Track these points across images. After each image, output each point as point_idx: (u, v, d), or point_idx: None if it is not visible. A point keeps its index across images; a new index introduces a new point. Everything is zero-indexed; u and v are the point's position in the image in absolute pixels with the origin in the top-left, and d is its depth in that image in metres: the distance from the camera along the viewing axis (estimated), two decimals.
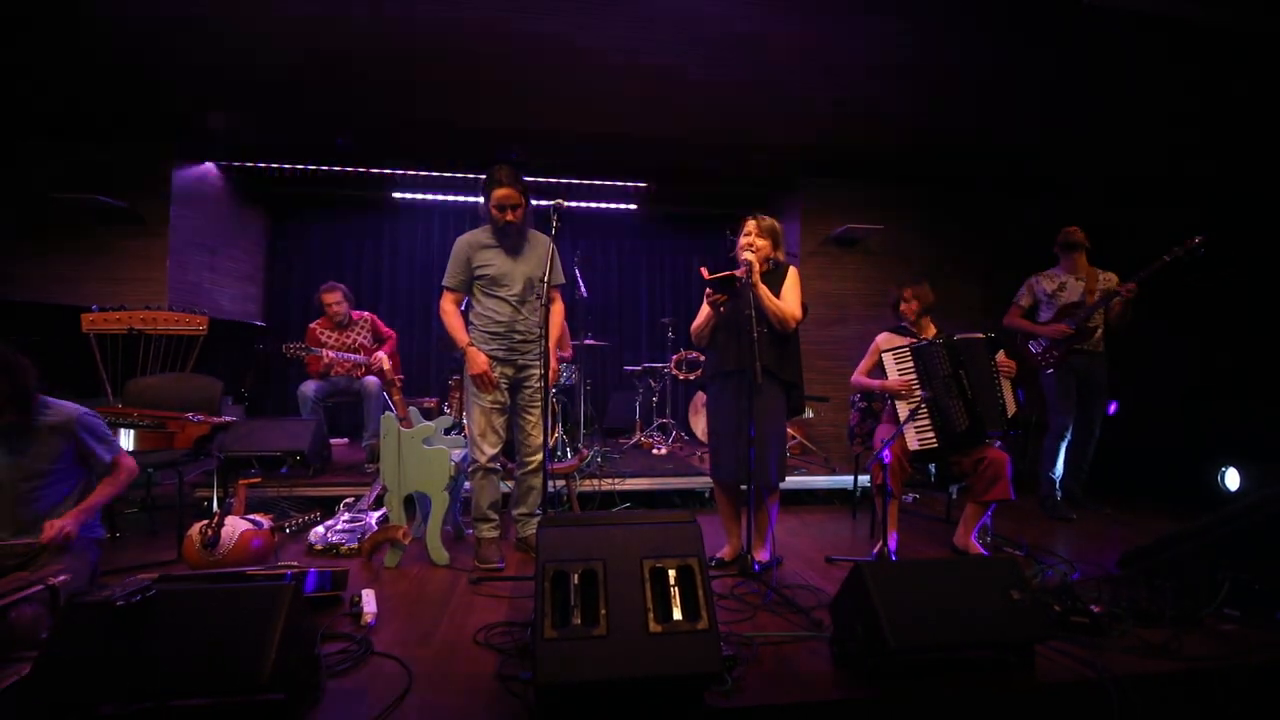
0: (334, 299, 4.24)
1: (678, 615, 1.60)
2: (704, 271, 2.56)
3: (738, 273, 2.52)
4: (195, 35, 3.20)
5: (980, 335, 2.99)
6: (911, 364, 2.99)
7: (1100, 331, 3.75)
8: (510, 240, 2.80)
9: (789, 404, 2.71)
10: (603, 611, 1.57)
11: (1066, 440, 3.73)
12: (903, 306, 3.15)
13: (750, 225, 2.69)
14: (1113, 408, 4.50)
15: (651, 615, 1.58)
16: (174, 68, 3.55)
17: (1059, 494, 3.75)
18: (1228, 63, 3.28)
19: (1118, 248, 3.82)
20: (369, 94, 3.90)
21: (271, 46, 3.31)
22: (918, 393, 2.91)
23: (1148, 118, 3.98)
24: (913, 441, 2.89)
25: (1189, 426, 4.24)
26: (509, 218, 2.73)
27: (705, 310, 2.68)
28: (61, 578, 1.92)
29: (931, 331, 3.13)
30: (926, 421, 2.91)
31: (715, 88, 3.76)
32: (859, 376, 3.18)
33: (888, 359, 3.05)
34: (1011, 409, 2.92)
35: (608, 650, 1.51)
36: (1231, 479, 3.69)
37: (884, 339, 3.17)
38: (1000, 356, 2.96)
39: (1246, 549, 2.24)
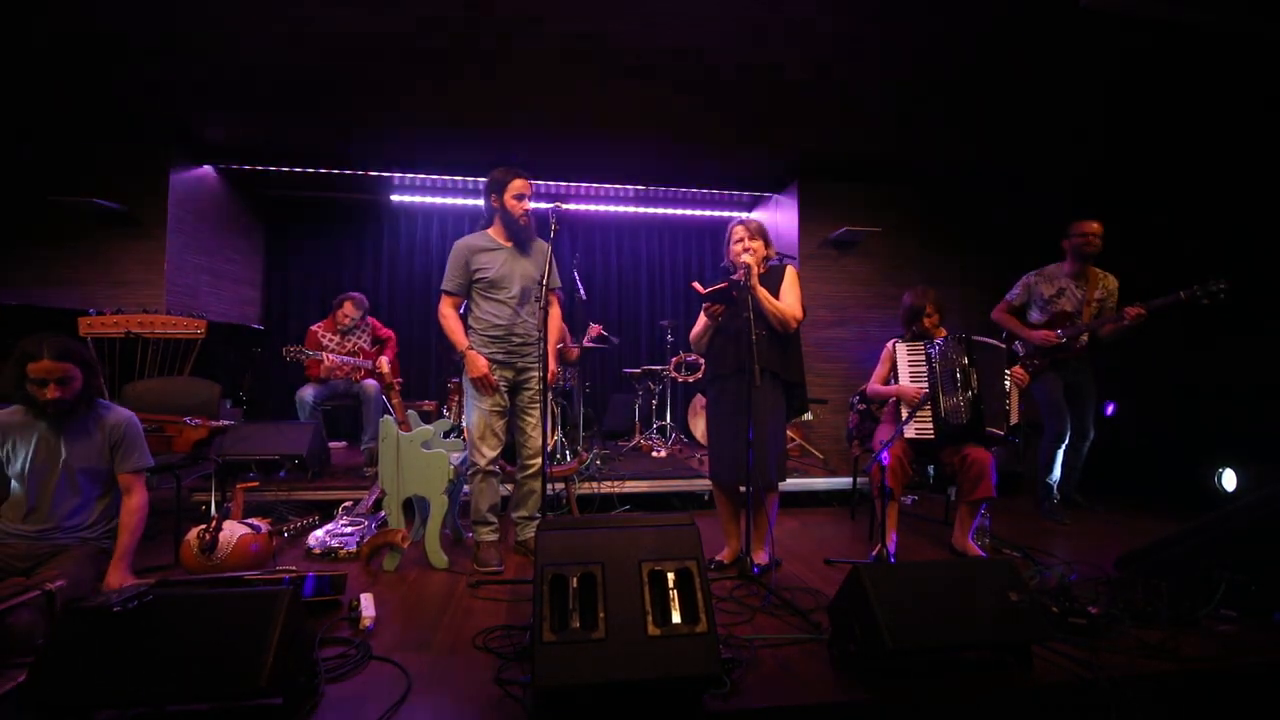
0: (351, 312, 4.24)
1: (676, 618, 1.60)
2: (697, 287, 2.56)
3: (736, 276, 2.52)
4: (194, 35, 3.21)
5: (1001, 345, 3.04)
6: (923, 358, 3.01)
7: (1086, 338, 3.64)
8: (520, 236, 2.81)
9: (791, 404, 2.71)
10: (601, 615, 1.57)
11: (1064, 446, 3.70)
12: (927, 322, 3.10)
13: (740, 231, 2.69)
14: (1110, 409, 4.51)
15: (650, 618, 1.58)
16: (173, 70, 3.56)
17: (1055, 498, 3.75)
18: (1219, 65, 3.30)
19: (1111, 248, 3.80)
20: (368, 95, 3.91)
21: (271, 46, 3.32)
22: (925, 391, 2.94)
23: (1139, 120, 4.00)
24: (910, 429, 2.91)
25: (1186, 427, 4.24)
26: (527, 207, 2.75)
27: (703, 319, 2.68)
28: (59, 583, 1.92)
29: (943, 333, 3.14)
30: (927, 411, 2.94)
31: (714, 91, 3.77)
32: (875, 385, 3.19)
33: (901, 350, 3.07)
34: (1015, 419, 2.95)
35: (606, 653, 1.51)
36: (1229, 480, 3.70)
37: (896, 346, 3.18)
38: (1016, 370, 3.01)
39: (1243, 550, 2.25)
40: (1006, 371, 2.97)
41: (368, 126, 4.40)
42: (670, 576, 1.67)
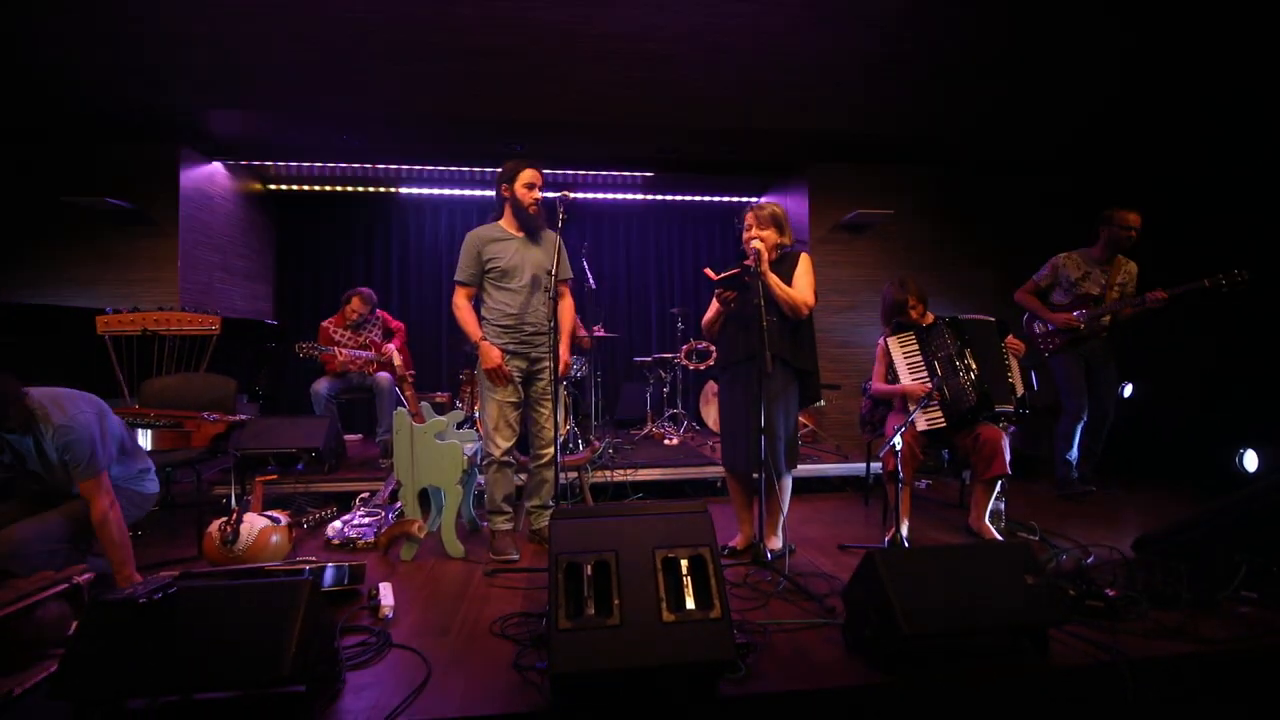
0: (360, 308, 4.28)
1: (690, 604, 1.61)
2: (709, 273, 2.55)
3: (747, 261, 2.51)
4: (201, 33, 3.21)
5: (990, 319, 3.04)
6: (917, 346, 3.02)
7: (1108, 319, 3.66)
8: (531, 226, 2.82)
9: (804, 392, 2.70)
10: (616, 602, 1.58)
11: (1082, 423, 3.70)
12: (913, 314, 3.09)
13: (749, 218, 2.67)
14: (1128, 389, 4.45)
15: (664, 605, 1.59)
16: (180, 67, 3.58)
17: (1074, 475, 3.73)
18: (1243, 43, 3.21)
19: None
20: (373, 90, 3.91)
21: (274, 44, 3.32)
22: (930, 387, 2.93)
23: (1161, 100, 3.91)
24: (921, 422, 2.90)
25: (1206, 408, 4.18)
26: (537, 196, 2.76)
27: (715, 305, 2.67)
28: (86, 576, 1.96)
29: (930, 319, 3.12)
30: (934, 401, 2.93)
31: (721, 75, 3.73)
32: (878, 384, 3.19)
33: (894, 345, 3.07)
34: (1020, 390, 2.93)
35: (621, 640, 1.53)
36: (1250, 460, 3.65)
37: (888, 341, 3.16)
38: (1010, 339, 3.02)
39: (1265, 531, 2.22)
40: (1002, 343, 2.98)
41: (371, 121, 4.40)
42: (684, 563, 1.68)
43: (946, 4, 3.02)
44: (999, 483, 2.87)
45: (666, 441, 4.87)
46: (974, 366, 2.90)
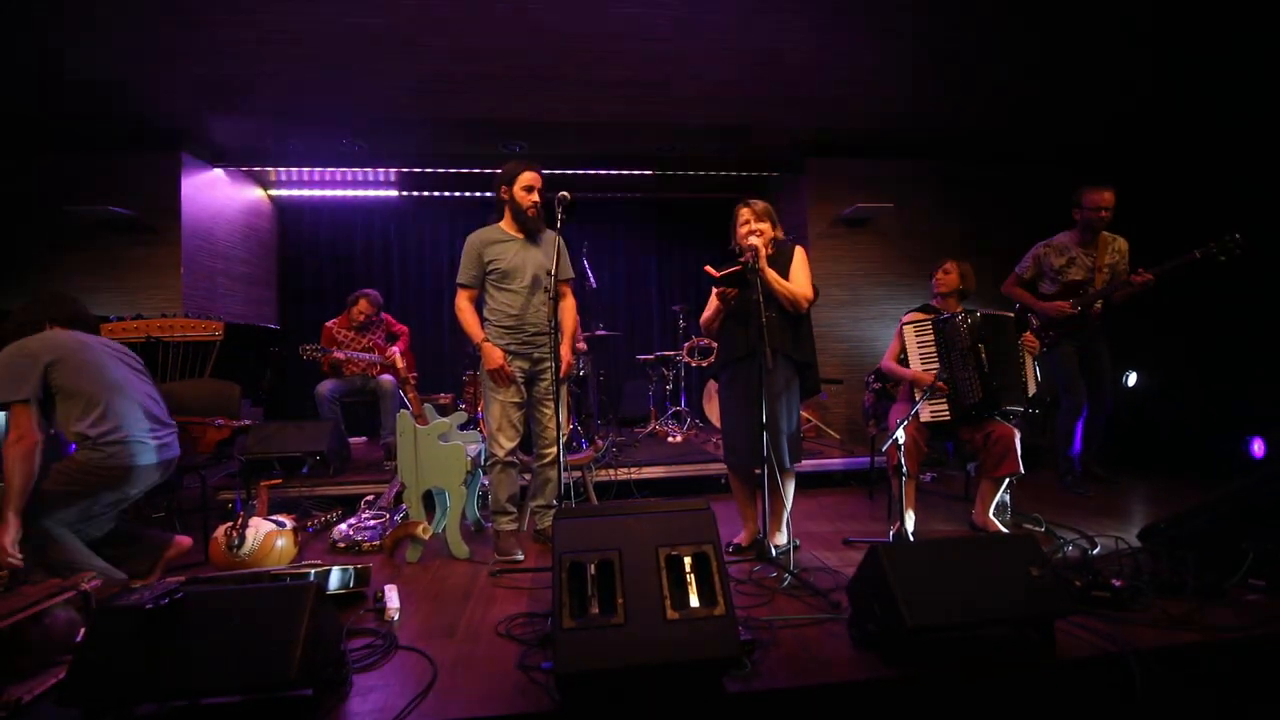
0: (367, 309, 4.30)
1: (694, 602, 1.61)
2: (711, 270, 2.54)
3: (744, 259, 2.50)
4: (201, 40, 3.22)
5: (1010, 314, 3.00)
6: (931, 335, 2.99)
7: (1100, 305, 3.55)
8: (530, 227, 2.82)
9: (804, 385, 2.70)
10: (620, 600, 1.59)
11: (1081, 418, 3.64)
12: (939, 275, 3.10)
13: (745, 213, 2.67)
14: (1132, 378, 4.43)
15: (668, 602, 1.59)
16: (181, 75, 3.59)
17: (1076, 471, 3.70)
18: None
19: (1124, 210, 3.68)
20: (372, 94, 3.91)
21: (273, 50, 3.33)
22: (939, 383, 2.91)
23: (1154, 78, 3.88)
24: (925, 413, 2.89)
25: (1213, 394, 4.16)
26: (535, 199, 2.77)
27: (714, 302, 2.67)
28: (94, 583, 1.97)
29: (956, 309, 3.10)
30: (941, 392, 2.92)
31: (721, 70, 3.72)
32: (888, 362, 3.18)
33: (908, 331, 3.05)
34: (1033, 389, 2.91)
35: (626, 638, 1.53)
36: (1257, 447, 3.63)
37: (908, 319, 3.15)
38: (1027, 336, 2.98)
39: (1272, 518, 2.21)
40: (1018, 340, 2.95)
41: (371, 124, 4.41)
42: (687, 561, 1.68)
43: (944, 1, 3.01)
44: (1006, 480, 2.86)
45: (670, 439, 4.87)
46: (986, 362, 2.86)
